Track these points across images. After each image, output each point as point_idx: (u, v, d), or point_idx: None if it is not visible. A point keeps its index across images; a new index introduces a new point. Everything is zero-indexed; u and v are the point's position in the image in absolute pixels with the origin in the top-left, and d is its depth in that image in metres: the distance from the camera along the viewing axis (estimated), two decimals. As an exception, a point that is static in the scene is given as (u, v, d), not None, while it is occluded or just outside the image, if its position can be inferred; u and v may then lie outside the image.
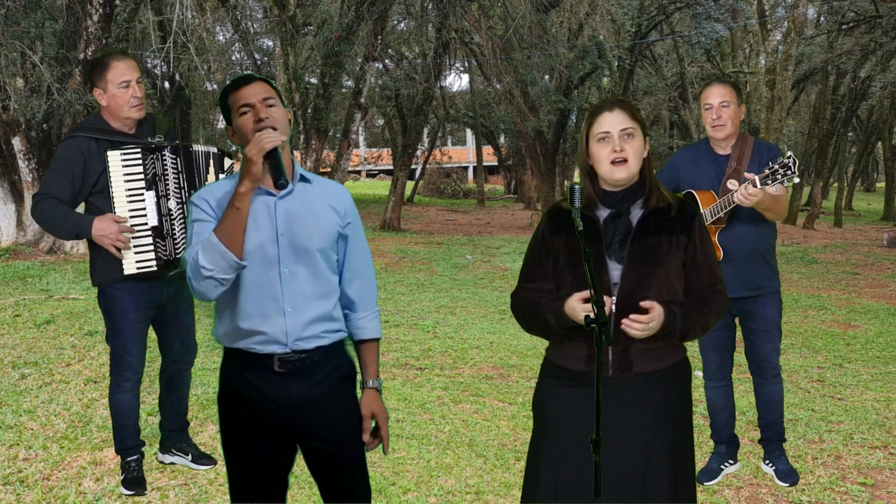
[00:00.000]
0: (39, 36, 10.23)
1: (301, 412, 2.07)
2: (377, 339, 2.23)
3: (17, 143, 9.66)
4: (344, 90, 16.14)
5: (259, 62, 15.54)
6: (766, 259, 3.38)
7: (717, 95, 3.31)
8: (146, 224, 3.10)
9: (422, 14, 15.25)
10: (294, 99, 11.08)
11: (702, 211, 3.29)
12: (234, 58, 16.84)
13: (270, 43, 17.53)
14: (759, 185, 2.99)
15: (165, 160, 3.13)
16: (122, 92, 3.07)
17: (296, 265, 2.04)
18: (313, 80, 14.79)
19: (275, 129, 1.98)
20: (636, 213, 2.13)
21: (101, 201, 3.09)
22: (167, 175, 3.13)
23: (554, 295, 2.12)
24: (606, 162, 2.09)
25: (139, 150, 3.10)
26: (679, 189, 3.44)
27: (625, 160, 2.08)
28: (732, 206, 3.13)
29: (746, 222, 3.27)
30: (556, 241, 2.16)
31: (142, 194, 3.10)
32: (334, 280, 2.12)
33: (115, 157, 3.06)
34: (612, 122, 2.09)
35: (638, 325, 1.98)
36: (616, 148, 2.08)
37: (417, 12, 15.22)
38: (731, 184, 3.13)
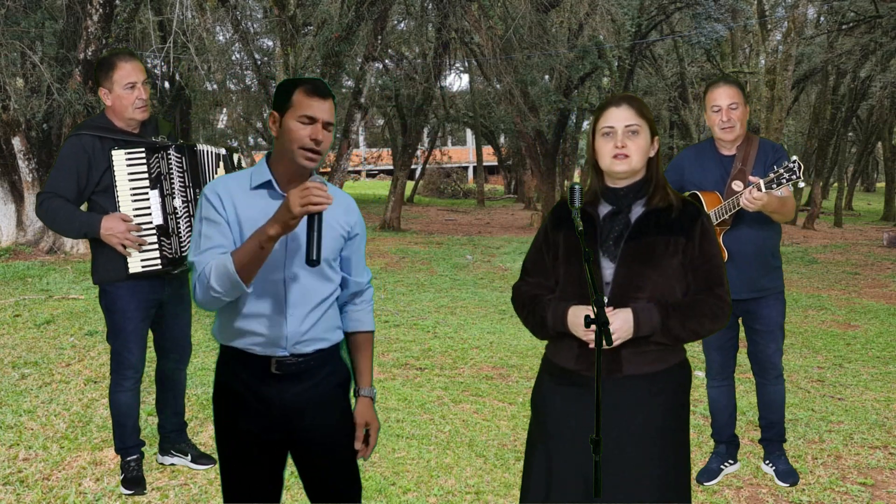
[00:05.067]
0: (39, 36, 10.23)
1: (295, 415, 2.08)
2: (371, 332, 2.24)
3: (17, 143, 9.66)
4: (344, 90, 16.11)
5: (259, 62, 15.53)
6: (770, 260, 3.36)
7: (726, 97, 3.26)
8: (151, 223, 3.11)
9: (422, 14, 15.24)
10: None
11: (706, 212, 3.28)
12: (234, 58, 16.84)
13: (270, 43, 17.54)
14: (763, 190, 2.97)
15: (171, 159, 3.14)
16: (127, 93, 3.07)
17: (300, 270, 2.03)
18: (313, 80, 14.73)
19: (323, 182, 1.90)
20: (636, 212, 2.11)
21: (105, 200, 3.09)
22: (172, 174, 3.14)
23: (557, 295, 2.12)
24: (608, 156, 2.09)
25: (143, 149, 3.11)
26: (683, 190, 3.44)
27: (626, 156, 2.07)
28: (737, 208, 3.12)
29: (751, 224, 3.25)
30: (557, 236, 2.16)
31: (146, 193, 3.10)
32: (335, 286, 2.12)
33: (119, 157, 3.07)
34: (618, 117, 2.08)
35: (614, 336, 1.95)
36: (618, 143, 2.07)
37: (417, 12, 15.21)
38: (736, 185, 3.10)
